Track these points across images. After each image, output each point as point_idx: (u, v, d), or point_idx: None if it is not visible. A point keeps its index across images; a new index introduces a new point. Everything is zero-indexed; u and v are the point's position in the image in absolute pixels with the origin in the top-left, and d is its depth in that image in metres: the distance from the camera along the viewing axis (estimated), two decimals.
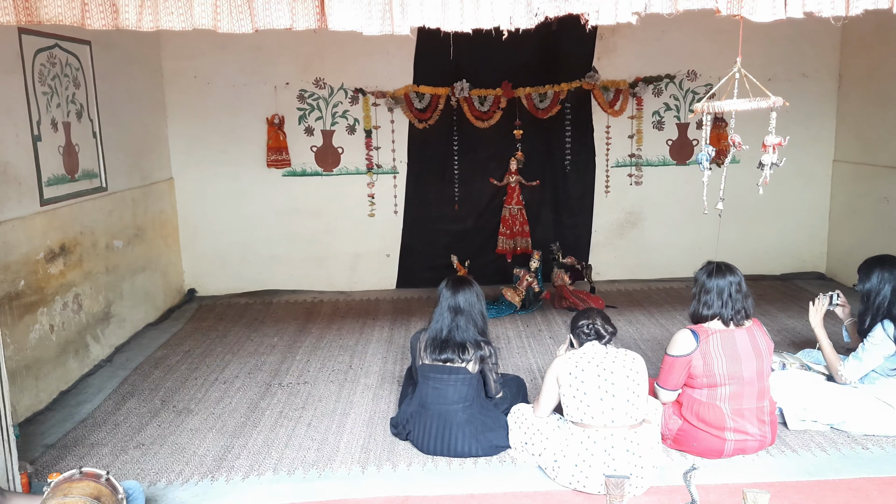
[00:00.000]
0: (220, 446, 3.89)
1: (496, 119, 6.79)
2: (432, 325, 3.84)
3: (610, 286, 6.96)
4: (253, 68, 6.69)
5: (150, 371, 5.06)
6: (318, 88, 6.83)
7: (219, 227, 6.98)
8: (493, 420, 3.76)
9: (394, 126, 6.92)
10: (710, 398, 3.52)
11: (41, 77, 4.54)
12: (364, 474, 3.56)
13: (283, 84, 6.77)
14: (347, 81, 6.82)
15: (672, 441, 3.64)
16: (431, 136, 6.89)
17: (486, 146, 6.86)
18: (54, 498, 2.61)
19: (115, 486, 2.78)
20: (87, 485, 2.69)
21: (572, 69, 6.82)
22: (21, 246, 4.23)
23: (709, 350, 3.48)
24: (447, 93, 6.75)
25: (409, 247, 7.19)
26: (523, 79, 6.78)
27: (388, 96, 6.80)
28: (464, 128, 6.86)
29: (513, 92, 6.74)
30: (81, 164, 5.02)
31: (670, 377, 3.59)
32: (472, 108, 6.79)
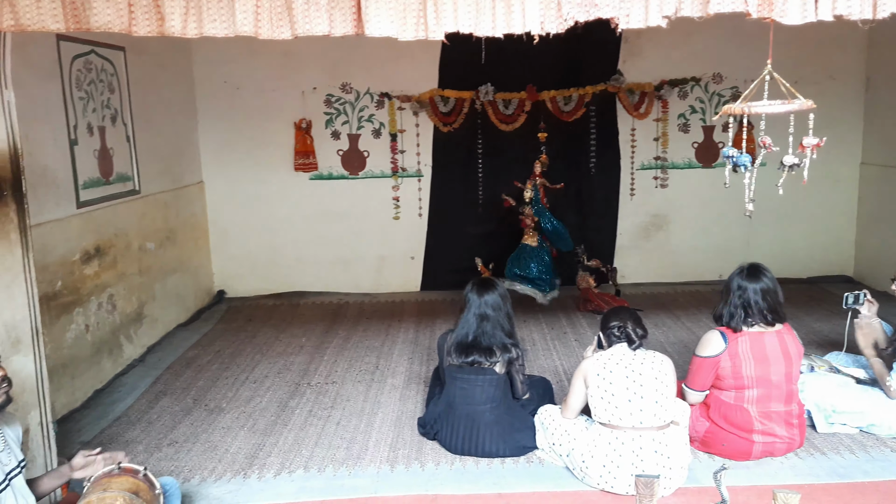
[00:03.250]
0: (251, 444, 3.96)
1: (520, 122, 6.83)
2: (458, 329, 3.87)
3: (635, 289, 6.95)
4: (281, 74, 6.79)
5: (181, 370, 5.15)
6: (344, 93, 6.91)
7: (247, 229, 7.08)
8: (520, 421, 3.79)
9: (419, 130, 6.98)
10: (738, 400, 3.52)
11: (78, 82, 4.66)
12: (393, 473, 3.60)
13: (311, 89, 6.86)
14: (373, 86, 6.90)
15: (700, 443, 3.65)
16: (456, 140, 6.95)
17: (511, 149, 6.89)
18: (94, 492, 2.68)
19: (153, 481, 2.85)
20: (126, 480, 2.76)
21: (597, 72, 6.84)
22: (58, 247, 4.34)
23: (737, 352, 3.48)
24: (472, 96, 6.80)
25: (434, 249, 7.24)
26: (548, 82, 6.81)
27: (413, 100, 6.87)
28: (488, 131, 6.90)
29: (537, 95, 6.78)
30: (116, 167, 5.14)
31: (698, 378, 3.59)
32: (497, 112, 6.83)
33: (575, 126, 6.89)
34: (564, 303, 6.36)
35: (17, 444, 2.71)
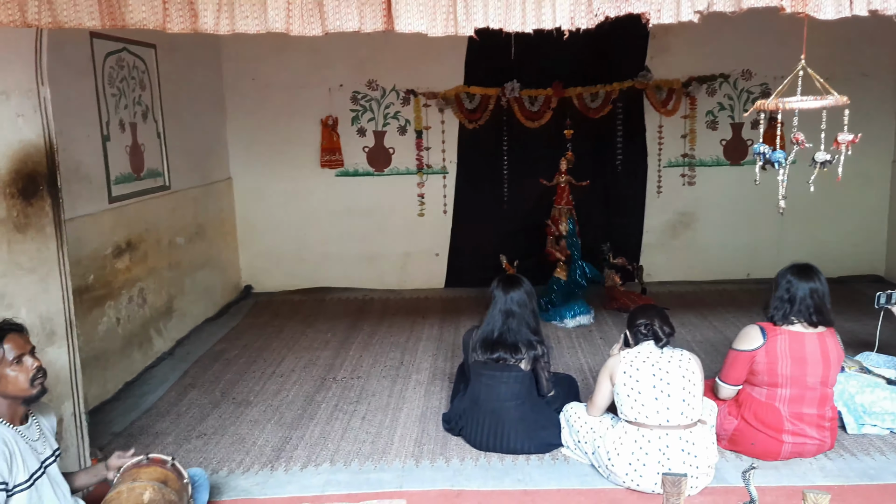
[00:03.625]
0: (278, 437, 4.00)
1: (546, 119, 6.81)
2: (484, 326, 3.87)
3: (661, 287, 6.89)
4: (308, 71, 6.83)
5: (209, 364, 5.22)
6: (370, 90, 6.94)
7: (274, 225, 7.15)
8: (545, 418, 3.79)
9: (444, 126, 6.99)
10: (769, 399, 3.49)
11: (110, 79, 4.74)
12: (418, 468, 3.62)
13: (338, 86, 6.90)
14: (399, 83, 6.92)
15: (728, 441, 3.61)
16: (481, 137, 6.94)
17: (536, 146, 6.87)
18: (124, 482, 2.72)
19: (181, 471, 2.89)
20: (155, 470, 2.80)
21: (624, 69, 6.80)
22: (91, 242, 4.42)
23: (774, 349, 3.44)
24: (497, 93, 6.79)
25: (458, 246, 7.25)
26: (574, 78, 6.78)
27: (438, 97, 6.88)
28: (514, 128, 6.89)
29: (564, 92, 6.75)
30: (147, 163, 5.22)
31: (732, 372, 3.56)
32: (523, 109, 6.81)
33: (601, 123, 6.86)
34: (590, 301, 6.31)
35: (52, 433, 2.77)
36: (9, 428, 2.51)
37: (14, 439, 2.50)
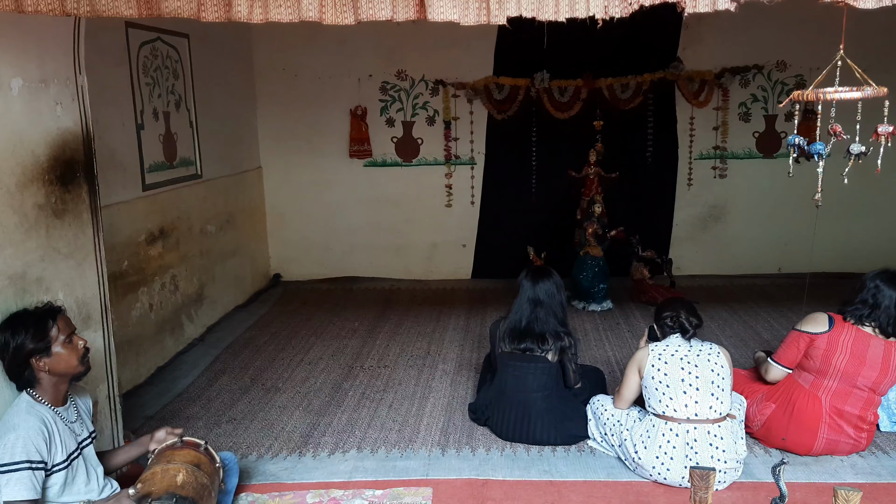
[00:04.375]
0: (306, 423, 4.05)
1: (576, 110, 6.76)
2: (511, 316, 3.88)
3: (691, 281, 6.83)
4: (338, 61, 6.86)
5: (239, 350, 5.29)
6: (399, 80, 6.95)
7: (303, 215, 7.21)
8: (571, 410, 3.78)
9: (472, 117, 6.98)
10: (814, 388, 3.43)
11: (145, 68, 4.81)
12: (444, 457, 3.64)
13: (367, 76, 6.92)
14: (428, 73, 6.92)
15: (762, 429, 3.56)
16: (510, 127, 6.92)
17: (565, 137, 6.83)
18: (159, 463, 2.77)
19: (213, 455, 2.94)
20: (188, 453, 2.85)
21: (656, 59, 6.72)
22: (125, 229, 4.49)
23: (837, 339, 3.37)
24: (527, 84, 6.76)
25: (486, 237, 7.25)
26: (605, 69, 6.72)
27: (467, 87, 6.87)
28: (543, 119, 6.86)
29: (594, 83, 6.70)
30: (179, 152, 5.29)
31: (789, 352, 3.52)
32: (552, 99, 6.77)
33: (632, 114, 6.80)
34: (618, 294, 6.29)
35: (89, 415, 2.83)
36: (49, 409, 2.57)
37: (53, 420, 2.56)
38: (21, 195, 2.76)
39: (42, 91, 2.91)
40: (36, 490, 2.43)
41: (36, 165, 2.86)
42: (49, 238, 2.92)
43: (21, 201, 2.76)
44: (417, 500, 3.20)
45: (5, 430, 2.46)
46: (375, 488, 3.32)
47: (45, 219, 2.90)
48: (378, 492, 3.28)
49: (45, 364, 2.54)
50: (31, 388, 2.56)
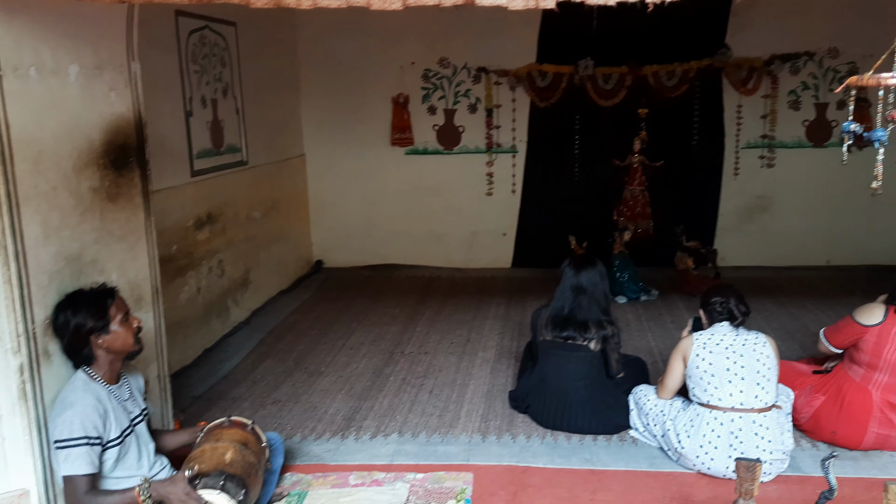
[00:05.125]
0: (348, 407, 4.10)
1: (620, 98, 6.67)
2: (554, 303, 3.87)
3: (736, 272, 6.70)
4: (381, 48, 6.88)
5: (283, 334, 5.38)
6: (442, 68, 6.95)
7: (345, 202, 7.27)
8: (613, 399, 3.76)
9: (515, 105, 6.95)
10: (864, 381, 3.36)
11: (193, 56, 4.89)
12: (485, 443, 3.66)
13: (409, 64, 6.94)
14: (471, 61, 6.90)
15: (809, 421, 3.50)
16: (552, 115, 6.86)
17: (609, 125, 6.75)
18: (208, 442, 2.85)
19: (259, 435, 3.00)
20: (236, 432, 2.92)
21: (702, 46, 6.60)
22: (174, 213, 4.59)
23: (889, 332, 3.29)
24: (570, 71, 6.69)
25: (526, 226, 7.22)
26: (650, 56, 6.62)
27: (510, 75, 6.83)
28: (586, 107, 6.78)
29: (639, 70, 6.60)
30: (226, 139, 5.38)
31: (840, 336, 3.46)
32: (596, 87, 6.70)
33: (677, 102, 6.68)
34: (661, 284, 6.22)
35: (140, 393, 2.92)
36: (104, 387, 2.66)
37: (108, 398, 2.65)
38: (77, 178, 2.84)
39: (97, 77, 2.98)
40: (94, 465, 2.51)
41: (91, 150, 2.93)
42: (103, 221, 3.00)
43: (77, 184, 2.84)
44: (458, 485, 3.22)
45: (63, 407, 2.55)
46: (417, 472, 3.35)
47: (99, 202, 2.98)
48: (419, 475, 3.32)
49: (103, 342, 2.62)
50: (88, 365, 2.65)
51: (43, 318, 2.60)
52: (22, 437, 2.54)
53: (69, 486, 2.51)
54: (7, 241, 2.44)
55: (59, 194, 2.73)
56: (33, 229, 2.57)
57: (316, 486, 3.25)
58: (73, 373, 2.67)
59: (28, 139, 2.54)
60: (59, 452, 2.49)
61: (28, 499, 2.56)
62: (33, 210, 2.57)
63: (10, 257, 2.45)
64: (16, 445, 2.54)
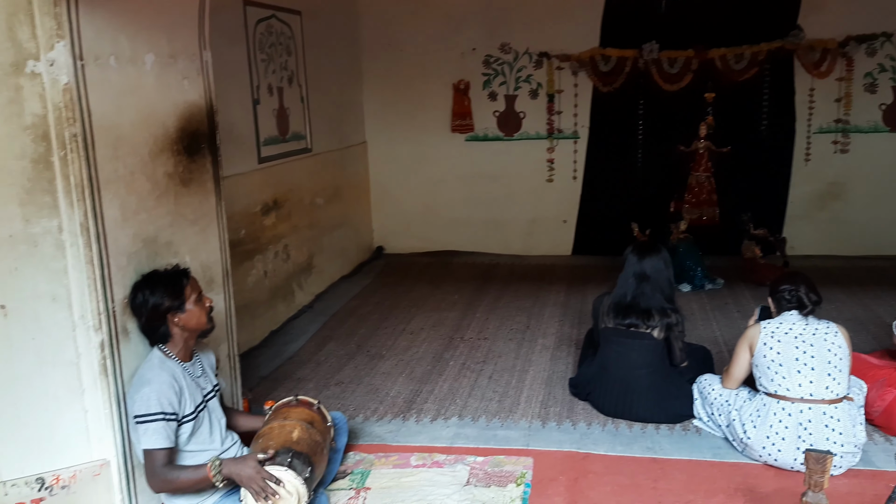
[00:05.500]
0: (409, 390, 4.16)
1: (686, 82, 6.53)
2: (616, 290, 3.83)
3: (805, 262, 6.49)
4: (442, 35, 6.89)
5: (345, 318, 5.49)
6: (503, 53, 6.92)
7: (405, 189, 7.33)
8: (676, 388, 3.71)
9: (577, 90, 6.87)
10: None
11: (260, 45, 5.00)
12: (545, 429, 3.66)
13: (470, 50, 6.93)
14: (532, 46, 6.85)
15: (881, 415, 3.39)
16: (616, 100, 6.77)
17: (674, 110, 6.61)
18: (276, 420, 2.94)
19: (325, 414, 3.08)
20: (303, 411, 3.00)
21: (773, 28, 6.39)
22: (242, 199, 4.72)
23: None
24: (635, 55, 6.57)
25: (588, 213, 7.15)
26: (718, 39, 6.45)
27: (572, 59, 6.76)
28: (651, 91, 6.66)
29: (706, 53, 6.44)
30: (291, 126, 5.49)
31: None
32: (661, 71, 6.56)
33: (746, 86, 6.50)
34: (727, 273, 6.08)
35: (212, 370, 3.02)
36: (178, 364, 2.77)
37: (182, 375, 2.75)
38: (153, 164, 2.95)
39: (171, 66, 3.08)
40: (170, 439, 2.62)
41: (166, 136, 3.04)
42: (177, 205, 3.11)
43: (153, 169, 2.95)
44: (518, 469, 3.24)
45: (141, 384, 2.66)
46: (477, 455, 3.39)
47: (173, 187, 3.09)
48: (479, 458, 3.35)
49: (179, 320, 2.73)
50: (164, 343, 2.76)
51: (122, 297, 2.72)
52: (103, 410, 2.66)
53: (148, 459, 2.62)
54: (89, 224, 2.55)
55: (137, 179, 2.84)
56: (113, 212, 2.68)
57: (378, 465, 3.32)
58: (149, 350, 2.79)
59: (108, 125, 2.65)
60: (138, 427, 2.61)
61: (108, 469, 2.69)
62: (113, 194, 2.68)
63: (92, 239, 2.57)
64: (97, 418, 2.66)
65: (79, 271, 2.54)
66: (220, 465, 2.59)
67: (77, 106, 2.48)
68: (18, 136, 2.45)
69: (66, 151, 2.47)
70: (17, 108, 2.43)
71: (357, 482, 3.18)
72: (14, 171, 2.47)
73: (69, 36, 2.45)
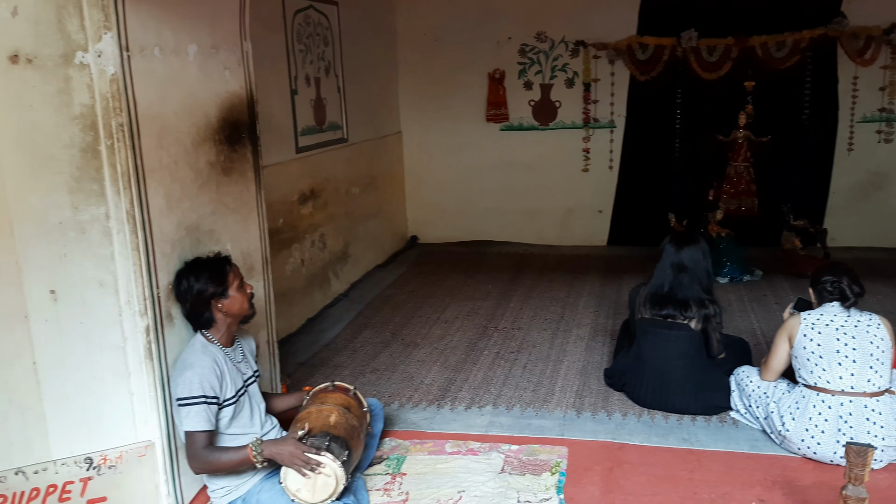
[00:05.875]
0: (444, 378, 4.20)
1: (725, 70, 6.42)
2: (653, 280, 3.81)
3: (847, 253, 6.35)
4: (477, 24, 6.88)
5: (380, 307, 5.54)
6: (539, 42, 6.88)
7: (439, 178, 7.35)
8: (713, 379, 3.68)
9: (613, 79, 6.81)
10: None
11: (298, 36, 5.05)
12: (579, 418, 3.66)
13: (506, 39, 6.91)
14: (568, 34, 6.80)
15: None
16: (653, 89, 6.69)
17: (713, 99, 6.51)
18: (313, 404, 2.99)
19: (361, 400, 3.12)
20: (339, 396, 3.05)
21: (815, 15, 6.25)
22: (280, 188, 4.79)
23: None
24: (673, 43, 6.48)
25: (623, 203, 7.09)
26: (758, 26, 6.32)
27: (609, 48, 6.69)
28: (689, 80, 6.57)
29: (746, 41, 6.32)
30: (328, 116, 5.54)
31: None
32: (700, 59, 6.46)
33: (787, 74, 6.37)
34: (766, 264, 5.99)
35: (252, 356, 3.08)
36: (220, 349, 2.83)
37: (224, 360, 2.82)
38: (196, 153, 3.01)
39: (213, 56, 3.14)
40: (211, 422, 2.68)
41: (208, 126, 3.10)
42: (219, 193, 3.17)
43: (196, 158, 3.01)
44: (553, 458, 3.25)
45: (184, 367, 2.73)
46: (511, 443, 3.40)
47: (215, 175, 3.15)
48: (514, 447, 3.36)
49: (223, 306, 2.79)
50: (207, 328, 2.82)
51: (166, 283, 2.79)
52: (148, 393, 2.74)
53: (189, 440, 2.69)
54: (135, 211, 2.62)
55: (180, 168, 2.90)
56: (157, 200, 2.74)
57: (414, 451, 3.36)
58: (192, 335, 2.85)
59: (153, 115, 2.71)
60: (181, 409, 2.68)
61: (153, 450, 2.77)
62: (157, 182, 2.74)
63: (138, 226, 2.63)
64: (142, 401, 2.75)
65: (125, 258, 2.62)
66: (261, 445, 2.65)
67: (123, 96, 2.54)
68: (68, 126, 2.52)
69: (112, 141, 2.53)
70: (66, 99, 2.50)
71: (393, 467, 3.22)
72: (63, 160, 2.55)
73: (116, 27, 2.51)
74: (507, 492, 2.99)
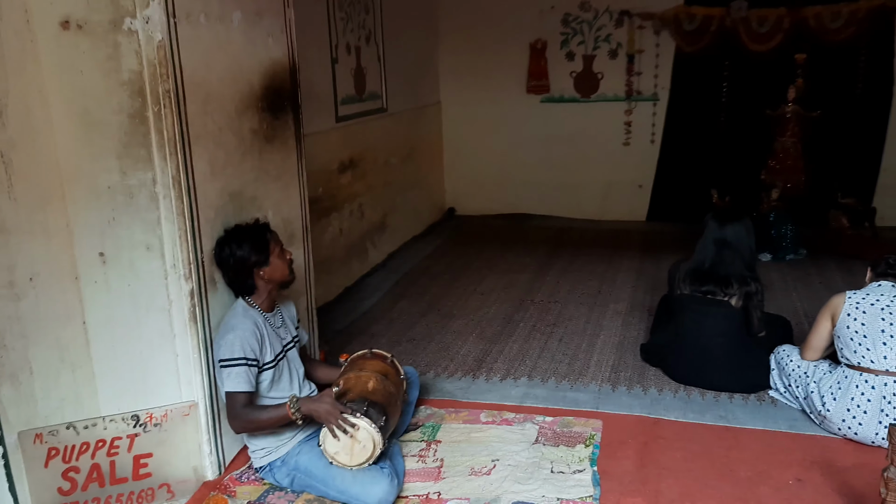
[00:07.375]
0: (479, 349, 4.22)
1: (776, 42, 6.24)
2: (695, 257, 3.76)
3: None
4: None
5: (417, 277, 5.57)
6: (582, 12, 6.76)
7: (478, 150, 7.32)
8: (753, 358, 3.63)
9: (658, 50, 6.67)
10: None
11: (340, 3, 5.04)
12: (615, 393, 3.65)
13: (549, 8, 6.80)
14: (613, 4, 6.67)
15: None
16: (699, 61, 6.54)
17: (761, 72, 6.34)
18: (352, 371, 3.03)
19: (398, 367, 3.16)
20: (377, 363, 3.09)
21: None
22: (320, 157, 4.81)
23: None
24: (722, 14, 6.31)
25: (665, 178, 6.98)
26: None
27: (655, 18, 6.54)
28: (737, 52, 6.41)
29: (800, 12, 6.12)
30: (368, 85, 5.53)
31: None
32: (749, 31, 6.28)
33: (841, 47, 6.16)
34: (812, 243, 5.85)
35: (293, 322, 3.14)
36: (261, 314, 2.88)
37: (264, 324, 2.87)
38: (239, 120, 3.04)
39: (257, 23, 3.15)
40: (251, 384, 2.74)
41: (251, 93, 3.12)
42: (261, 161, 3.20)
43: (239, 126, 3.04)
44: (587, 430, 3.25)
45: (226, 330, 2.79)
46: (546, 415, 3.41)
47: (258, 143, 3.18)
48: (549, 418, 3.38)
49: (264, 273, 2.83)
50: (249, 295, 2.88)
51: (210, 248, 2.84)
52: (192, 355, 2.81)
53: (230, 400, 2.75)
54: (181, 177, 2.66)
55: (224, 135, 2.93)
56: (202, 166, 2.78)
57: (449, 420, 3.39)
58: (234, 300, 2.91)
59: (198, 82, 2.74)
60: (222, 371, 2.74)
61: (197, 409, 2.85)
62: (202, 148, 2.78)
63: (184, 191, 2.68)
64: (187, 362, 2.82)
65: (171, 222, 2.67)
66: (299, 402, 2.70)
67: (170, 62, 2.57)
68: (116, 92, 2.56)
69: (159, 107, 2.57)
70: (114, 65, 2.54)
71: (428, 435, 3.26)
72: (112, 125, 2.59)
73: None
74: (540, 462, 3.01)
